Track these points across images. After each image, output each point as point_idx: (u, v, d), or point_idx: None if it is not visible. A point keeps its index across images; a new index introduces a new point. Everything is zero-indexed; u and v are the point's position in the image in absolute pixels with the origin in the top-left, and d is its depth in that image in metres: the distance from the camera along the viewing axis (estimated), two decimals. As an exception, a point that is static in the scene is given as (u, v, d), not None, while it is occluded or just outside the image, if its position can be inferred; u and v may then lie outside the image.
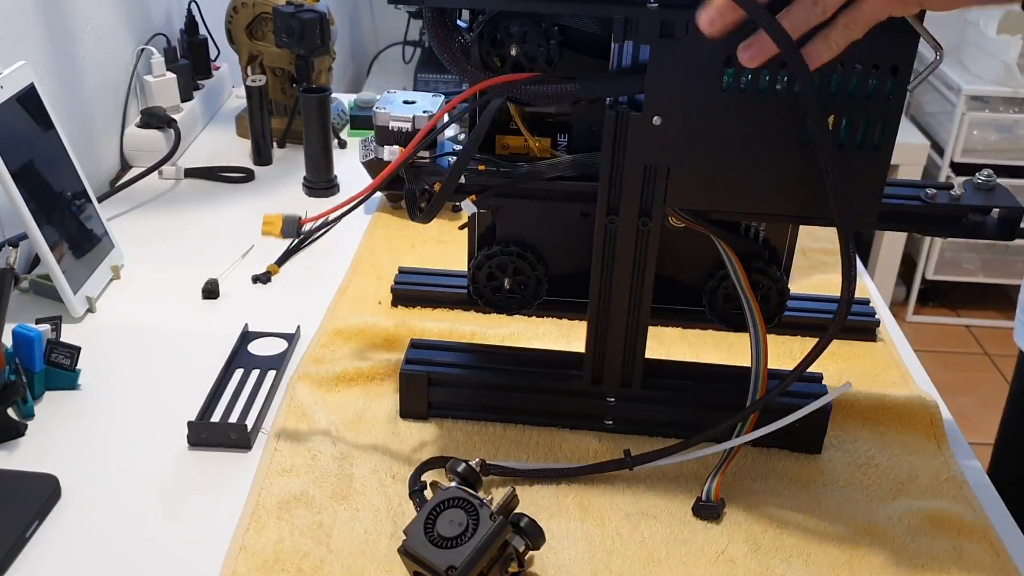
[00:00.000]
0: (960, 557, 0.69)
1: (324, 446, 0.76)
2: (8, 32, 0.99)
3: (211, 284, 0.97)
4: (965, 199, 0.71)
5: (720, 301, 0.79)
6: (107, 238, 0.99)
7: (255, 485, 0.72)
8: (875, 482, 0.75)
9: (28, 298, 0.95)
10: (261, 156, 1.26)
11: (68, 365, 0.81)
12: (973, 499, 0.74)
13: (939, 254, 2.58)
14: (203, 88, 1.37)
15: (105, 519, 0.69)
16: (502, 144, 0.74)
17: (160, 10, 1.36)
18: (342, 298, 0.97)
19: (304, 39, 1.19)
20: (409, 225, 1.11)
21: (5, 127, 0.87)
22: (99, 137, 1.20)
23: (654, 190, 0.69)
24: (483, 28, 0.67)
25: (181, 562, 0.66)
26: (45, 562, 0.66)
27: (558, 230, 0.78)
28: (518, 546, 0.63)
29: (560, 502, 0.72)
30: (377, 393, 0.83)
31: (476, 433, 0.79)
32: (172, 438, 0.77)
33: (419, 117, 0.74)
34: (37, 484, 0.70)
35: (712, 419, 0.75)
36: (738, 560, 0.68)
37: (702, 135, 0.65)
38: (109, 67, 1.22)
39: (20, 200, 0.86)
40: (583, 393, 0.78)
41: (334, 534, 0.68)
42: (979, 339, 2.66)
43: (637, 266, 0.72)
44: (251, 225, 1.09)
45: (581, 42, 0.68)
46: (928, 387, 0.87)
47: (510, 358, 0.82)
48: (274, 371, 0.84)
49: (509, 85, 0.67)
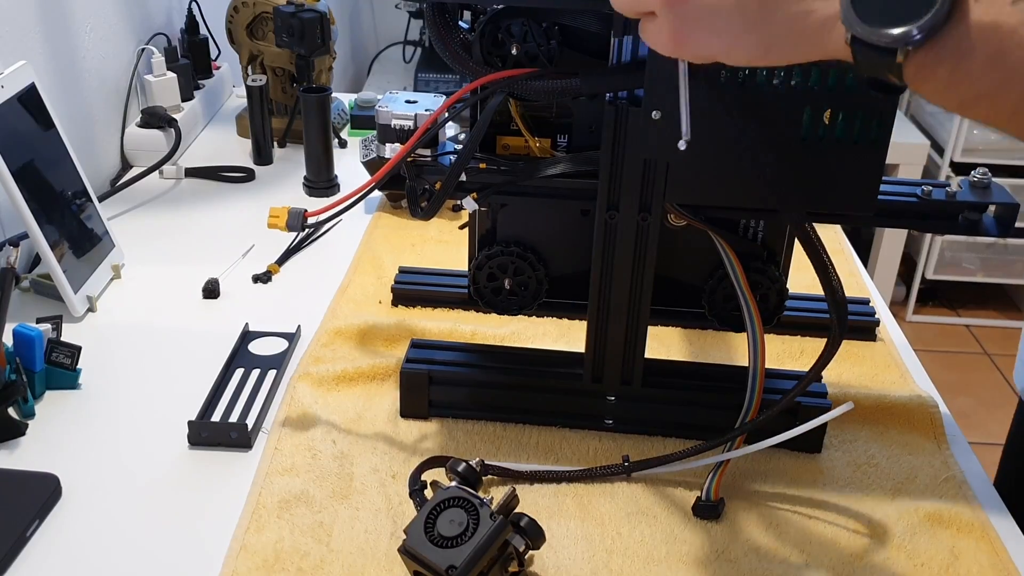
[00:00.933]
0: (959, 556, 0.69)
1: (324, 445, 0.76)
2: (9, 32, 0.99)
3: (212, 283, 0.97)
4: (961, 196, 0.72)
5: (719, 301, 0.79)
6: (108, 237, 0.99)
7: (255, 484, 0.72)
8: (875, 481, 0.76)
9: (29, 297, 0.95)
10: (262, 156, 1.26)
11: (69, 364, 0.81)
12: (973, 499, 0.74)
13: (939, 253, 2.58)
14: (204, 88, 1.38)
15: (105, 518, 0.70)
16: (502, 145, 0.75)
17: (161, 10, 1.36)
18: (342, 298, 0.97)
19: (304, 39, 1.19)
20: (409, 225, 1.11)
21: (6, 127, 0.87)
22: (100, 136, 1.20)
23: (654, 185, 0.69)
24: (484, 27, 0.67)
25: (181, 561, 0.66)
26: (45, 561, 0.66)
27: (559, 231, 0.78)
28: (518, 546, 0.63)
29: (560, 502, 0.72)
30: (377, 392, 0.83)
31: (476, 432, 0.79)
32: (172, 437, 0.77)
33: (421, 115, 0.74)
34: (38, 483, 0.70)
35: (712, 418, 0.76)
36: (738, 560, 0.68)
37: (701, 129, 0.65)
38: (110, 67, 1.22)
39: (21, 199, 0.86)
40: (583, 392, 0.78)
41: (334, 533, 0.68)
42: (979, 339, 2.66)
43: (637, 262, 0.72)
44: (252, 225, 1.10)
45: (581, 41, 0.68)
46: (928, 387, 0.87)
47: (510, 357, 0.82)
48: (274, 370, 0.84)
49: (510, 80, 0.67)
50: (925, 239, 2.57)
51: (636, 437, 0.79)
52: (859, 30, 0.43)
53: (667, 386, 0.78)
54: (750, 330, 0.72)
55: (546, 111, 0.73)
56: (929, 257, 2.59)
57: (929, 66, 0.43)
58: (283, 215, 0.72)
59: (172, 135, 1.22)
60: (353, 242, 1.08)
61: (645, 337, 0.76)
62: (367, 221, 1.13)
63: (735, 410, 0.72)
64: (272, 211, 0.72)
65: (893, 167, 2.41)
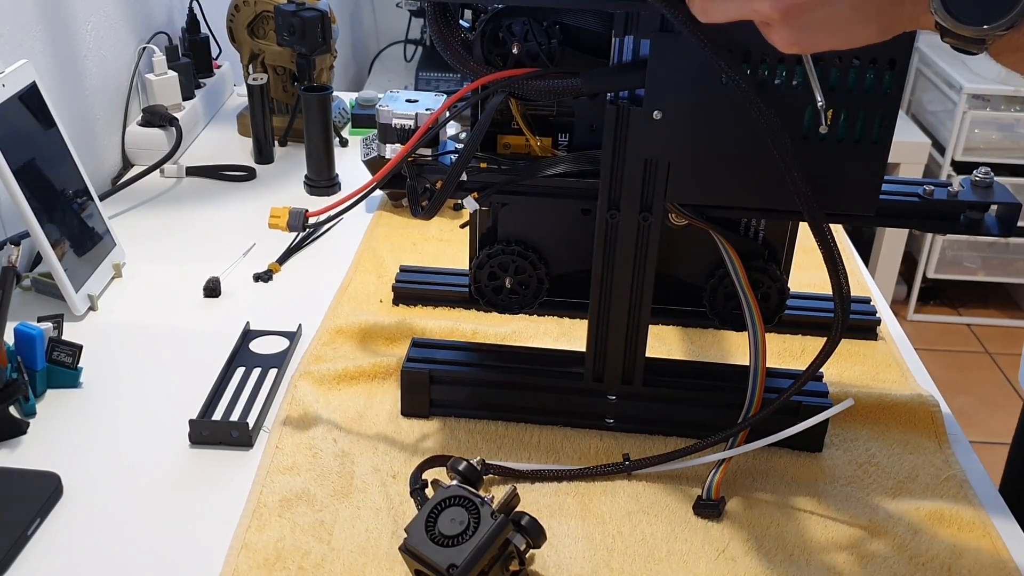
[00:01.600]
0: (960, 555, 0.69)
1: (325, 444, 0.77)
2: (10, 30, 0.99)
3: (212, 282, 0.97)
4: (963, 196, 0.72)
5: (720, 300, 0.79)
6: (109, 236, 0.99)
7: (256, 483, 0.73)
8: (876, 480, 0.76)
9: (30, 296, 0.95)
10: (262, 154, 1.26)
11: (70, 363, 0.81)
12: (973, 497, 0.74)
13: (940, 252, 2.58)
14: (204, 86, 1.38)
15: (107, 517, 0.70)
16: (503, 143, 0.75)
17: (162, 8, 1.36)
18: (343, 296, 0.97)
19: (305, 37, 1.19)
20: (410, 223, 1.11)
21: (7, 125, 0.87)
22: (101, 135, 1.20)
23: (655, 185, 0.69)
24: (485, 26, 0.67)
25: (182, 559, 0.66)
26: (47, 560, 0.66)
27: (559, 229, 0.78)
28: (519, 544, 0.63)
29: (561, 500, 0.72)
30: (378, 391, 0.83)
31: (477, 431, 0.79)
32: (174, 436, 0.77)
33: (422, 115, 0.74)
34: (39, 482, 0.70)
35: (712, 417, 0.76)
36: (739, 558, 0.68)
37: (702, 129, 0.66)
38: (111, 65, 1.22)
39: (22, 198, 0.86)
40: (584, 391, 0.78)
41: (335, 532, 0.68)
42: (980, 337, 2.66)
43: (638, 261, 0.72)
44: (253, 223, 1.10)
45: (582, 40, 0.68)
46: (929, 385, 0.87)
47: (511, 356, 0.82)
48: (275, 369, 0.84)
49: (512, 80, 0.67)
50: (926, 238, 2.57)
51: (637, 436, 0.79)
52: (948, 24, 0.48)
53: (668, 385, 0.78)
54: (751, 329, 0.72)
55: (547, 109, 0.73)
56: (930, 256, 2.58)
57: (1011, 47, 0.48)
58: (284, 215, 0.72)
59: (173, 134, 1.22)
60: (354, 241, 1.08)
61: (646, 336, 0.76)
62: (368, 220, 1.13)
63: (736, 409, 0.72)
64: (273, 211, 0.72)
65: (894, 166, 2.41)
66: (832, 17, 0.50)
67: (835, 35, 0.51)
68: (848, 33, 0.51)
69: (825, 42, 0.52)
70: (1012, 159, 2.44)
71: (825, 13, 0.50)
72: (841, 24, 0.50)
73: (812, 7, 0.50)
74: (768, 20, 0.52)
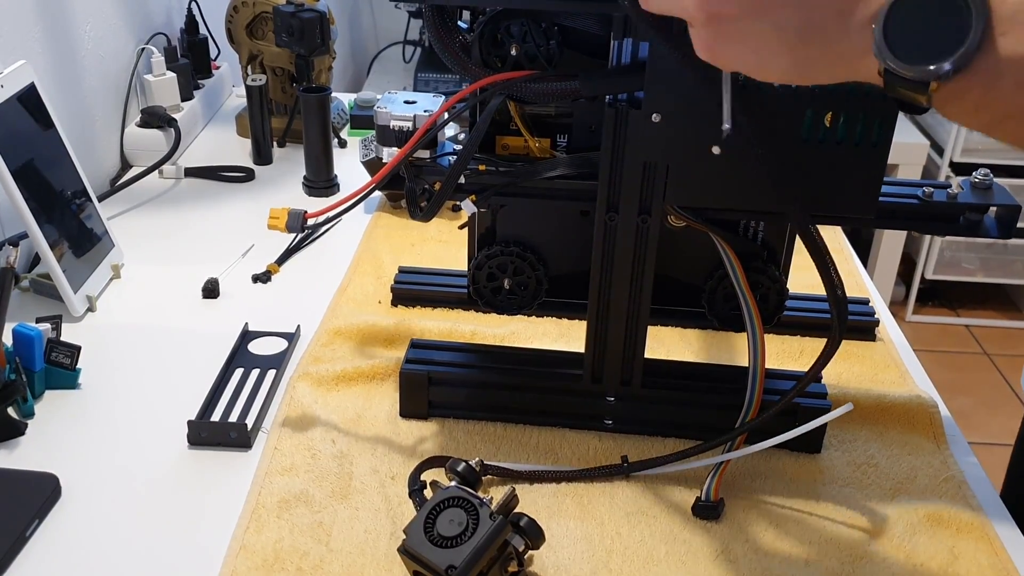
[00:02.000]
0: (959, 556, 0.69)
1: (324, 445, 0.76)
2: (8, 31, 0.99)
3: (211, 283, 0.97)
4: (962, 197, 0.72)
5: (719, 301, 0.79)
6: (107, 237, 0.99)
7: (255, 484, 0.73)
8: (874, 481, 0.76)
9: (28, 297, 0.95)
10: (261, 155, 1.26)
11: (68, 364, 0.81)
12: (972, 498, 0.74)
13: (939, 253, 2.58)
14: (203, 87, 1.38)
15: (105, 518, 0.70)
16: (502, 145, 0.74)
17: (160, 9, 1.36)
18: (342, 297, 0.97)
19: (304, 38, 1.19)
20: (409, 225, 1.11)
21: (5, 126, 0.87)
22: (99, 136, 1.20)
23: (654, 187, 0.69)
24: (483, 28, 0.67)
25: (181, 561, 0.66)
26: (45, 561, 0.66)
27: (558, 231, 0.78)
28: (518, 545, 0.63)
29: (560, 501, 0.72)
30: (377, 392, 0.83)
31: (476, 432, 0.79)
32: (172, 437, 0.77)
33: (420, 116, 0.74)
34: (37, 483, 0.70)
35: (711, 419, 0.76)
36: (738, 559, 0.68)
37: (701, 132, 0.66)
38: (109, 66, 1.22)
39: (20, 199, 0.86)
40: (583, 392, 0.78)
41: (334, 533, 0.68)
42: (979, 339, 2.66)
43: (637, 263, 0.72)
44: (251, 224, 1.10)
45: (581, 42, 0.68)
46: (927, 387, 0.87)
47: (510, 358, 0.82)
48: (274, 370, 0.84)
49: (510, 83, 0.67)
50: (925, 239, 2.57)
51: (636, 437, 0.79)
52: (892, 65, 0.44)
53: (667, 386, 0.78)
54: (750, 330, 0.72)
55: (546, 110, 0.73)
56: (929, 257, 2.59)
57: (958, 93, 0.44)
58: (283, 216, 0.72)
59: (172, 135, 1.22)
60: (353, 242, 1.08)
61: (645, 337, 0.76)
62: (367, 221, 1.13)
63: (735, 410, 0.72)
64: (272, 212, 0.72)
65: (893, 167, 2.41)
66: (752, 34, 0.48)
67: (748, 55, 0.49)
68: (759, 58, 0.48)
69: (738, 58, 0.49)
70: (1010, 160, 2.44)
71: (746, 27, 0.48)
72: (757, 44, 0.48)
73: (736, 18, 0.48)
74: (691, 20, 0.50)
